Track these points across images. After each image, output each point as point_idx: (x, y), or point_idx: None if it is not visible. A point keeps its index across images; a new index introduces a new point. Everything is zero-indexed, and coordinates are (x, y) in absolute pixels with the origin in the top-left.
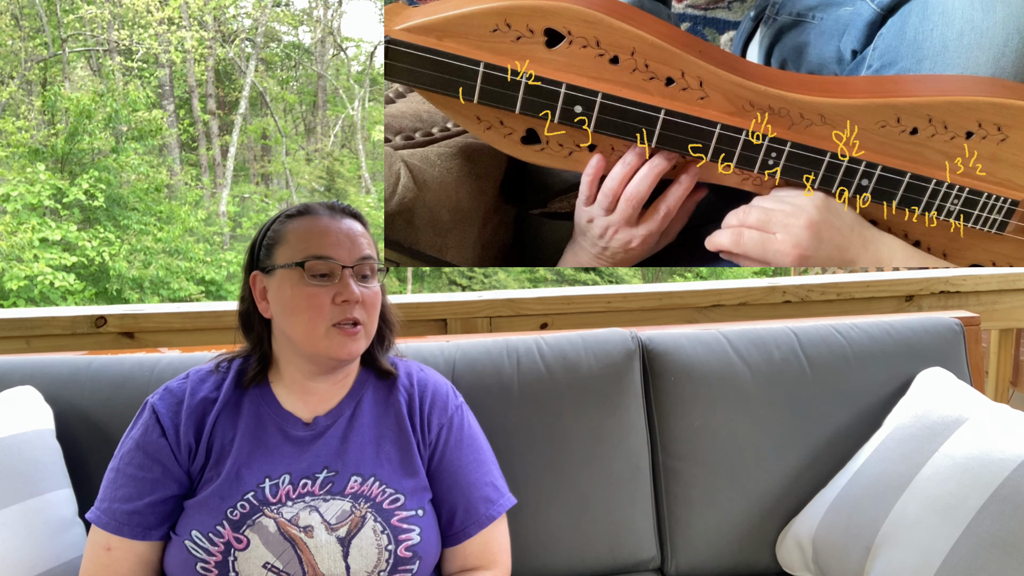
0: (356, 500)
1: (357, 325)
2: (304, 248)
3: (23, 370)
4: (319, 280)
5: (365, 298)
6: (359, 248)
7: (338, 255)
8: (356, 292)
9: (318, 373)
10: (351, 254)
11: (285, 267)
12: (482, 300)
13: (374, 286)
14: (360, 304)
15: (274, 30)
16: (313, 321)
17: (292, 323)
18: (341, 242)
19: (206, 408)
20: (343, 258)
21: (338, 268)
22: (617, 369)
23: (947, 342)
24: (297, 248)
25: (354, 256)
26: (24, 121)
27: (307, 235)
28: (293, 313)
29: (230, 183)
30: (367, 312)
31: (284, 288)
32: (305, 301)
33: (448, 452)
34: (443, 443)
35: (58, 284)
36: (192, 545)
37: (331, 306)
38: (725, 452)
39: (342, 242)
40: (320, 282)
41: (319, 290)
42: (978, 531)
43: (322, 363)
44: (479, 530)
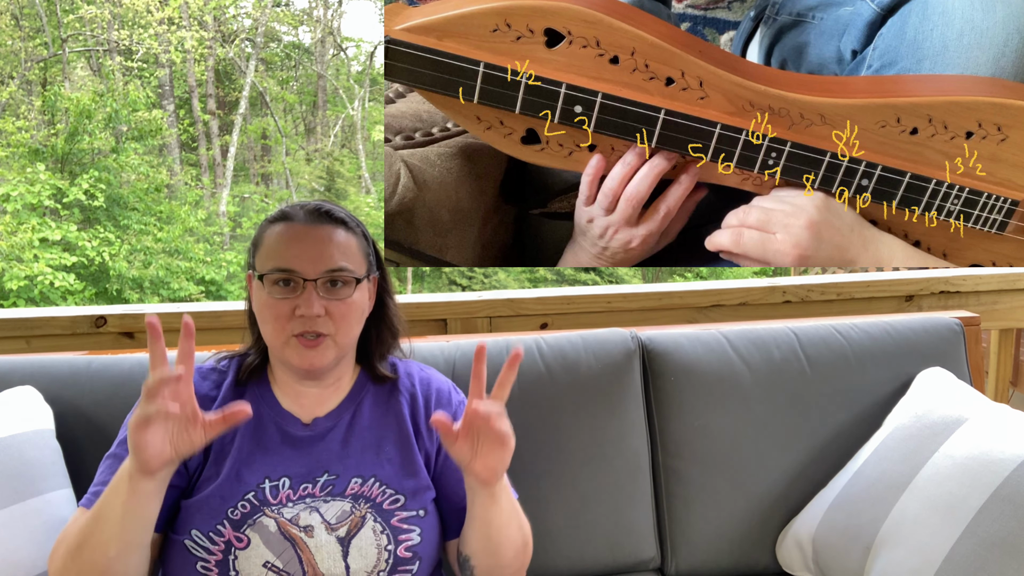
0: (356, 501)
1: (320, 337)
2: (272, 257)
3: (23, 370)
4: (282, 291)
5: (332, 309)
6: (327, 259)
7: (301, 267)
8: (315, 308)
9: (301, 379)
10: (316, 266)
11: (250, 269)
12: (482, 300)
13: (346, 297)
14: (325, 318)
15: (274, 30)
16: (276, 331)
17: (263, 330)
18: (306, 252)
19: (206, 406)
20: (306, 271)
21: (300, 281)
22: (617, 369)
23: (947, 342)
24: (266, 256)
25: (319, 268)
26: (24, 121)
27: (276, 243)
28: (262, 321)
29: (230, 183)
30: (335, 324)
31: (256, 295)
32: (268, 311)
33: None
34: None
35: (58, 284)
36: (192, 544)
37: (292, 318)
38: (725, 452)
39: (307, 252)
40: (282, 294)
41: (281, 302)
42: (978, 531)
43: (294, 371)
44: None
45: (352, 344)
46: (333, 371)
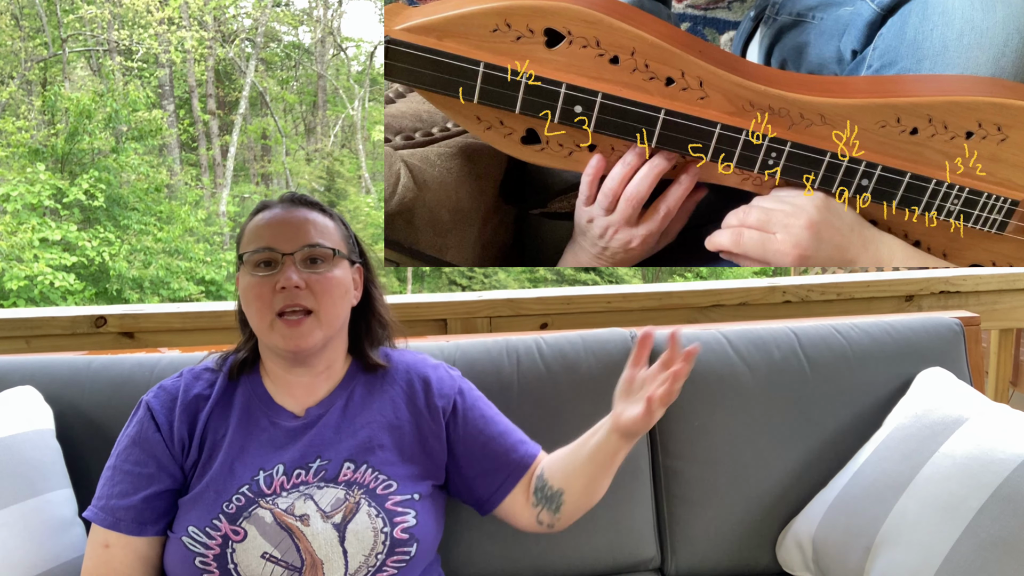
0: (350, 487)
1: (306, 314)
2: (251, 242)
3: (23, 370)
4: (263, 270)
5: (313, 283)
6: (304, 235)
7: (277, 244)
8: (293, 278)
9: (291, 365)
10: (293, 242)
11: (238, 263)
12: (482, 300)
13: (326, 272)
14: (306, 291)
15: (274, 30)
16: (260, 312)
17: (249, 316)
18: (283, 231)
19: (199, 405)
20: (282, 246)
21: (278, 256)
22: (617, 369)
23: (947, 342)
24: (247, 242)
25: (296, 243)
26: (24, 121)
27: (255, 229)
28: (247, 306)
29: (230, 183)
30: (316, 298)
31: (240, 283)
32: (251, 292)
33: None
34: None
35: (58, 284)
36: (189, 540)
37: (274, 295)
38: (725, 452)
39: (284, 231)
40: (263, 272)
41: (262, 280)
42: (978, 531)
43: (282, 355)
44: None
45: (338, 325)
46: (322, 356)
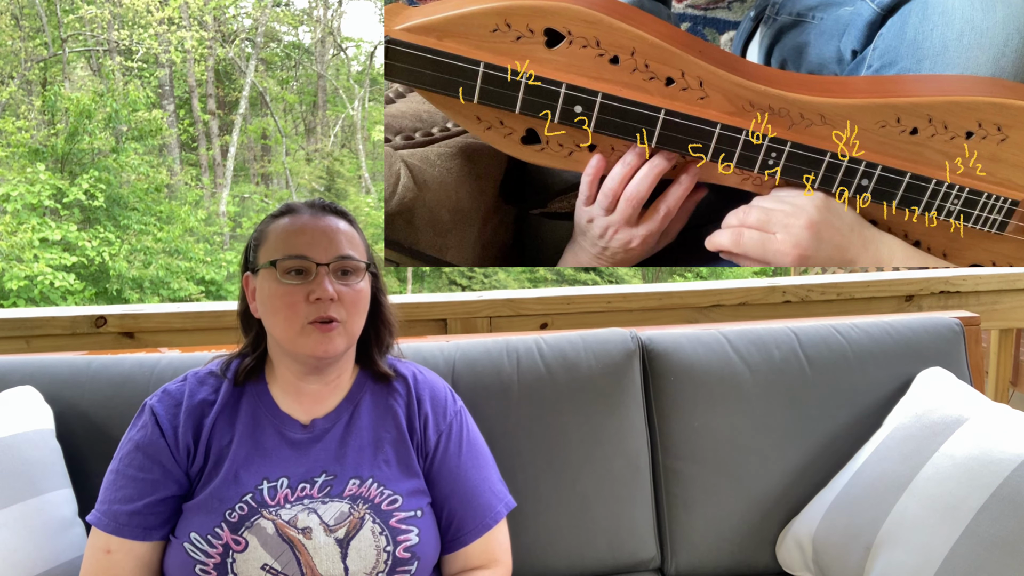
0: (355, 502)
1: (333, 322)
2: (280, 247)
3: (23, 370)
4: (294, 278)
5: (344, 296)
6: (337, 246)
7: (312, 253)
8: (329, 290)
9: (306, 373)
10: (327, 252)
11: (264, 267)
12: (482, 300)
13: (355, 284)
14: (338, 302)
15: (274, 30)
16: (289, 320)
17: (273, 322)
18: (317, 240)
19: (204, 410)
20: (317, 256)
21: (312, 266)
22: (617, 369)
23: (947, 342)
24: (275, 248)
25: (330, 254)
26: (24, 121)
27: (284, 234)
28: (272, 312)
29: (230, 183)
30: (347, 310)
31: (264, 288)
32: (281, 300)
33: (448, 458)
34: (441, 450)
35: (58, 284)
36: (191, 547)
37: (306, 304)
38: (725, 452)
39: (318, 240)
40: (295, 280)
41: (294, 288)
42: (978, 531)
43: (304, 361)
44: (479, 536)
45: (357, 336)
46: (336, 365)
